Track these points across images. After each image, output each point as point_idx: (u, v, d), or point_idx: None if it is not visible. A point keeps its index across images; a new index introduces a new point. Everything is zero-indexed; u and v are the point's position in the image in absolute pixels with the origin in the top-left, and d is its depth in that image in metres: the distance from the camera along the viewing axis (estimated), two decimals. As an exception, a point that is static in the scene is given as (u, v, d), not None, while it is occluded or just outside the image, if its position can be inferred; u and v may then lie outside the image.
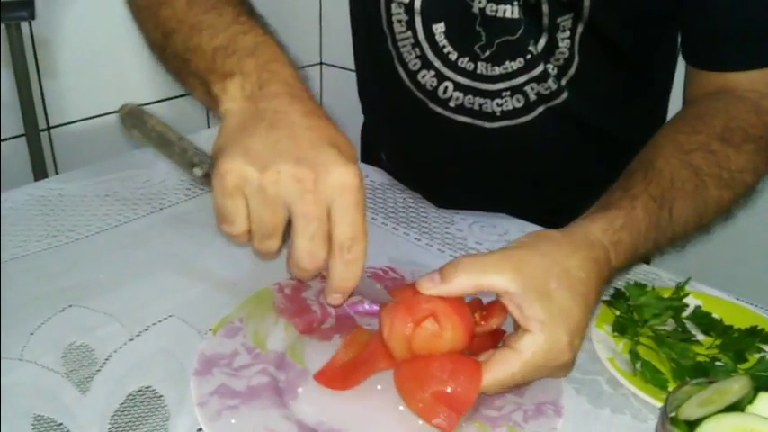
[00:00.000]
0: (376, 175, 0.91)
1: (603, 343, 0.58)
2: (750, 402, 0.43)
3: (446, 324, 0.50)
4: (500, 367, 0.49)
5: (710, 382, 0.45)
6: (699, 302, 0.64)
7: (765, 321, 0.61)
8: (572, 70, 0.74)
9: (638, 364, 0.55)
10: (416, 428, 0.50)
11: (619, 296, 0.62)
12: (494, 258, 0.51)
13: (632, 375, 0.55)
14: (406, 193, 0.86)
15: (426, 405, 0.49)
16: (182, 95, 1.30)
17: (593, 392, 0.55)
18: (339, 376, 0.53)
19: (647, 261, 0.72)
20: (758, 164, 0.66)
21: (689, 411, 0.43)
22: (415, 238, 0.76)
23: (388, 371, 0.53)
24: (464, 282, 0.50)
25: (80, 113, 1.22)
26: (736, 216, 0.67)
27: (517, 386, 0.50)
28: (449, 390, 0.49)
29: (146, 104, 1.27)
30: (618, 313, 0.61)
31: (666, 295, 0.62)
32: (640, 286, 0.62)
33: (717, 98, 0.69)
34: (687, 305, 0.62)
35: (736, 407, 0.43)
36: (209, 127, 1.27)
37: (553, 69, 0.73)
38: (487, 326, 0.53)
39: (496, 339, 0.54)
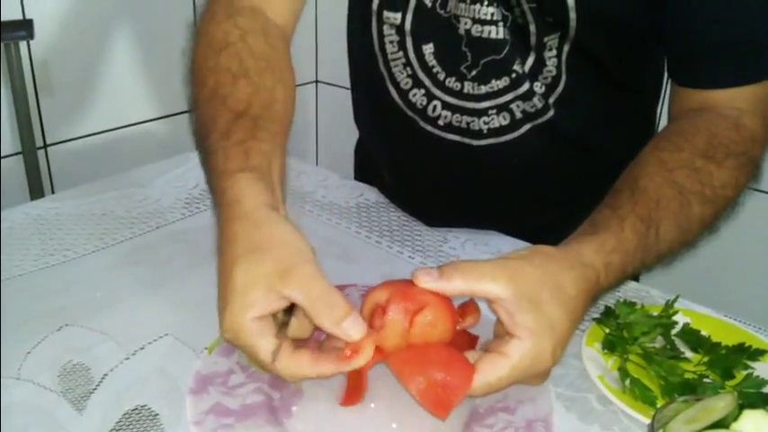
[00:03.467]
0: (370, 194, 0.92)
1: (594, 361, 0.58)
2: (735, 420, 0.44)
3: (439, 316, 0.52)
4: (489, 370, 0.50)
5: (697, 400, 0.45)
6: (687, 320, 0.65)
7: (752, 338, 0.62)
8: (560, 88, 0.75)
9: (628, 382, 0.56)
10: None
11: (609, 314, 0.63)
12: (491, 266, 0.52)
13: (622, 393, 0.56)
14: (400, 212, 0.87)
15: (427, 387, 0.50)
16: (177, 113, 1.31)
17: (584, 410, 0.55)
18: (350, 393, 0.53)
19: (635, 278, 0.73)
20: (739, 179, 0.67)
21: (675, 429, 0.44)
22: (409, 256, 0.77)
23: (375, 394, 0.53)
24: (460, 284, 0.51)
25: (77, 132, 1.23)
26: (722, 232, 0.68)
27: (498, 390, 0.52)
28: (446, 377, 0.49)
29: (142, 122, 1.28)
30: (608, 331, 0.62)
31: (656, 313, 0.63)
32: (630, 305, 0.63)
33: (698, 115, 0.71)
34: (676, 323, 0.63)
35: (721, 424, 0.44)
36: (204, 145, 1.28)
37: (541, 87, 0.75)
38: (464, 323, 0.55)
39: (471, 343, 0.56)
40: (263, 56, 0.67)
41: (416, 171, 0.86)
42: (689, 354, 0.61)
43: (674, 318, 0.63)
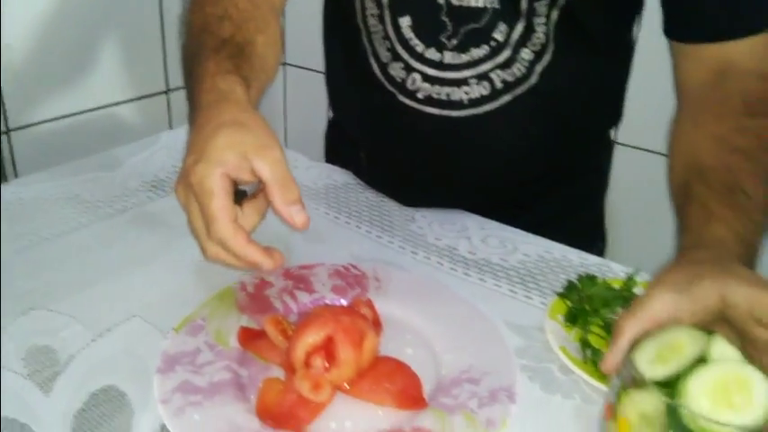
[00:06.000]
0: (339, 176, 0.92)
1: (555, 333, 0.60)
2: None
3: (372, 334, 0.55)
4: None
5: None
6: None
7: None
8: (547, 56, 0.75)
9: (588, 352, 0.58)
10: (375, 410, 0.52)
11: (571, 288, 0.64)
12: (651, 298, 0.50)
13: (583, 363, 0.57)
14: (369, 192, 0.88)
15: (398, 395, 0.52)
16: (143, 97, 1.30)
17: (546, 379, 0.57)
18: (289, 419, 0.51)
19: (600, 254, 0.75)
20: None
21: (647, 372, 0.43)
22: (377, 236, 0.78)
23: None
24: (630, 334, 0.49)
25: (41, 116, 1.21)
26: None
27: None
28: (404, 379, 0.53)
29: (107, 106, 1.26)
30: (570, 304, 0.63)
31: (617, 286, 0.65)
32: (591, 278, 0.64)
33: (722, 80, 0.69)
34: (637, 295, 0.64)
35: (704, 361, 0.44)
36: (170, 128, 1.27)
37: (529, 55, 0.75)
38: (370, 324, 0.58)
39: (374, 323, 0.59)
40: (245, 9, 0.72)
41: (395, 147, 0.86)
42: None
43: (635, 290, 0.65)
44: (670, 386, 0.43)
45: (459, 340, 0.59)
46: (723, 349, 0.44)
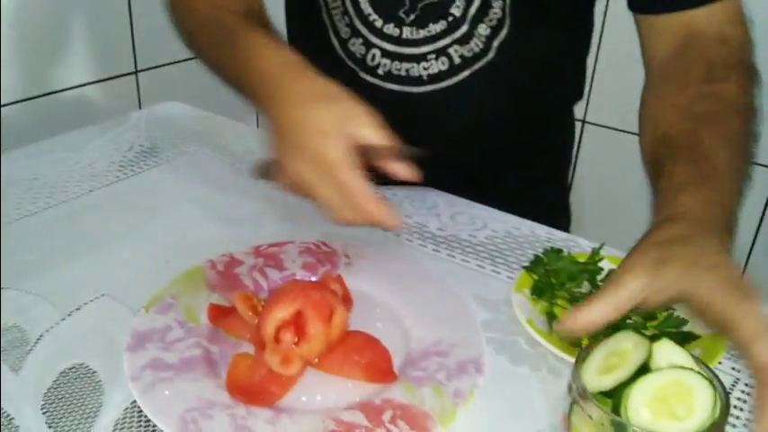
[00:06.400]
0: (309, 154, 0.92)
1: (522, 306, 0.61)
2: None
3: (341, 309, 0.55)
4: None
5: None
6: (613, 266, 0.67)
7: None
8: (504, 31, 0.76)
9: (554, 324, 0.59)
10: (346, 383, 0.53)
11: (537, 262, 0.65)
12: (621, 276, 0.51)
13: (549, 335, 0.58)
14: (339, 171, 0.88)
15: (367, 368, 0.53)
16: (112, 78, 1.28)
17: (513, 351, 0.58)
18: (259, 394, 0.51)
19: (566, 229, 0.76)
20: (746, 86, 0.68)
21: (595, 382, 0.43)
22: (347, 214, 0.78)
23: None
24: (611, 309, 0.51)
25: (6, 98, 1.19)
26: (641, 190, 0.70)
27: None
28: (374, 352, 0.53)
29: (75, 87, 1.24)
30: (536, 277, 0.64)
31: (582, 260, 0.66)
32: (557, 251, 0.66)
33: (685, 49, 0.71)
34: (602, 269, 0.66)
35: (647, 368, 0.43)
36: (140, 108, 1.26)
37: (486, 30, 0.75)
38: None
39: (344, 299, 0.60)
40: None
41: None
42: None
43: (600, 265, 0.66)
44: (616, 396, 0.43)
45: (427, 314, 0.60)
46: (668, 354, 0.44)
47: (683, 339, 0.59)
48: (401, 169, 0.61)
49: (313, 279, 0.64)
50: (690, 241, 0.52)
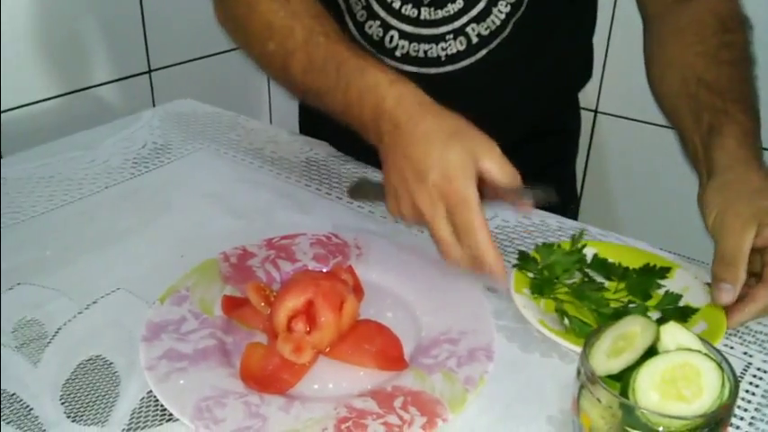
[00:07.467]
0: (319, 148, 0.93)
1: (528, 307, 0.60)
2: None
3: (352, 298, 0.56)
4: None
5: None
6: (595, 251, 0.67)
7: (654, 257, 0.65)
8: (522, 8, 0.77)
9: (567, 321, 0.58)
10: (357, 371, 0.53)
11: (526, 260, 0.64)
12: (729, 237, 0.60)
13: (565, 334, 0.57)
14: (351, 164, 0.89)
15: (377, 355, 0.54)
16: (126, 77, 1.29)
17: (525, 339, 0.58)
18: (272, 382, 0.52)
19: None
20: (750, 37, 0.74)
21: (604, 366, 0.44)
22: (358, 206, 0.79)
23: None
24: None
25: (24, 99, 1.21)
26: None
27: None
28: (385, 341, 0.54)
29: (90, 87, 1.25)
30: (531, 275, 0.64)
31: (568, 249, 0.65)
32: (548, 246, 0.65)
33: (690, 3, 0.75)
34: (585, 255, 0.66)
35: (655, 351, 0.43)
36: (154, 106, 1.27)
37: (506, 7, 0.76)
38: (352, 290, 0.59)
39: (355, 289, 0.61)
40: None
41: None
42: (606, 283, 0.63)
43: (585, 251, 0.65)
44: (624, 379, 0.43)
45: (438, 303, 0.60)
46: (675, 336, 0.44)
47: (684, 314, 0.59)
48: (520, 208, 0.62)
49: (324, 270, 0.65)
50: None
